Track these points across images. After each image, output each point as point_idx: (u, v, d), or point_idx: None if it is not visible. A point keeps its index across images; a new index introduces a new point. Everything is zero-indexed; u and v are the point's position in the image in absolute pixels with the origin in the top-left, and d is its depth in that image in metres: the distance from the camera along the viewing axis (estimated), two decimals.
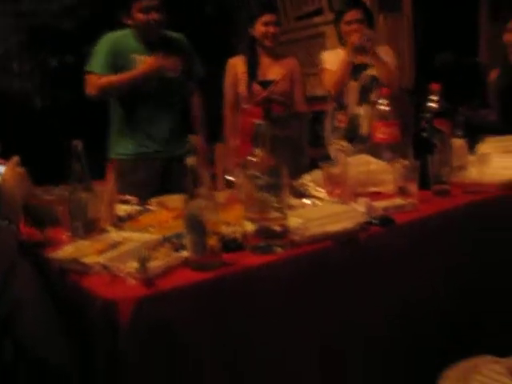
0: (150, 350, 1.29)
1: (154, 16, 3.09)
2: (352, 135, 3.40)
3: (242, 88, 3.52)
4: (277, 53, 3.62)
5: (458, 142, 2.44)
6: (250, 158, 1.53)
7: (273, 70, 3.54)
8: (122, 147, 3.23)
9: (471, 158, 2.38)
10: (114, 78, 3.12)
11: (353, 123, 3.46)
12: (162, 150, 3.22)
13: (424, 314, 1.83)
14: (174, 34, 3.33)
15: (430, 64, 6.72)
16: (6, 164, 1.71)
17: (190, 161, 1.41)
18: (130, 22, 3.16)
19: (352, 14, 3.48)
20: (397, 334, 1.77)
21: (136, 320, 1.26)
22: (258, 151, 1.52)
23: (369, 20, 3.54)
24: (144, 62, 3.12)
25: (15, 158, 1.71)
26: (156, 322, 1.29)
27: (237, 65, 3.57)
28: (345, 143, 3.27)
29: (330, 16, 5.49)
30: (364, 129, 3.42)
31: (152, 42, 3.19)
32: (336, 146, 3.33)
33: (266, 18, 3.45)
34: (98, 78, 3.13)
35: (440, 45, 6.74)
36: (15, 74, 6.34)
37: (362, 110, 3.44)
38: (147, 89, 3.15)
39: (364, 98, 3.45)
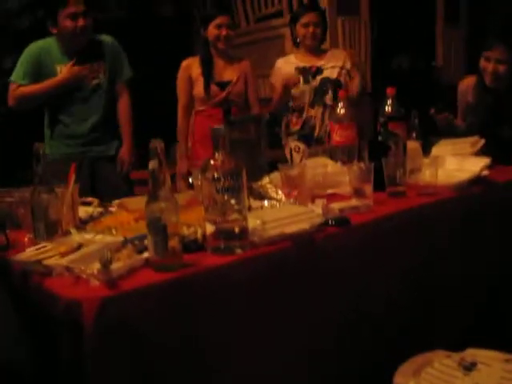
0: (114, 349, 1.32)
1: (81, 22, 3.10)
2: (307, 137, 3.50)
3: (199, 89, 3.54)
4: (230, 55, 3.65)
5: (413, 145, 2.51)
6: (209, 160, 1.56)
7: (227, 72, 3.58)
8: (50, 149, 3.25)
9: (426, 160, 2.44)
10: (29, 89, 3.18)
11: (307, 125, 3.56)
12: (86, 150, 3.27)
13: (379, 314, 1.88)
14: (101, 37, 3.34)
15: (387, 67, 6.84)
16: None
17: (152, 164, 1.44)
18: (55, 30, 3.17)
19: (309, 17, 3.57)
20: (353, 333, 1.82)
21: (100, 320, 1.28)
22: (217, 155, 1.55)
23: (324, 23, 3.64)
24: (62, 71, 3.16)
25: None
26: (119, 322, 1.31)
27: (191, 66, 3.58)
28: (301, 145, 3.36)
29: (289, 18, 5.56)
30: (318, 131, 3.52)
31: (76, 50, 3.20)
32: (291, 146, 3.44)
33: (220, 20, 3.47)
34: (17, 88, 3.19)
35: (397, 48, 6.87)
36: None
37: (314, 112, 3.54)
38: (67, 96, 3.21)
39: (317, 100, 3.55)
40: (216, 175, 1.53)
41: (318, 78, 3.55)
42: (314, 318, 1.69)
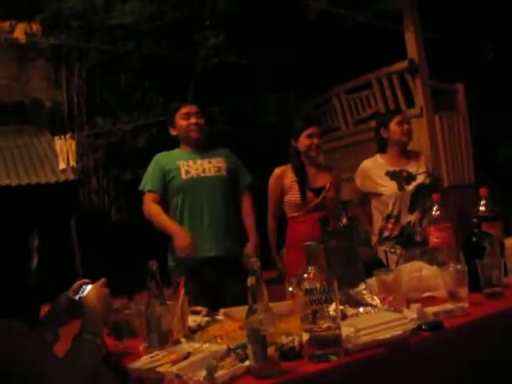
0: None
1: (193, 120, 3.51)
2: (406, 243, 3.51)
3: (294, 196, 3.66)
4: (319, 162, 3.87)
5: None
6: (303, 273, 1.70)
7: (319, 178, 3.73)
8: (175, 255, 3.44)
9: None
10: (154, 217, 3.45)
11: (406, 232, 3.59)
12: (214, 256, 3.44)
13: None
14: (220, 148, 3.70)
15: (492, 158, 6.80)
16: (92, 284, 1.93)
17: (250, 280, 1.60)
18: (175, 131, 3.58)
19: (402, 116, 3.79)
20: None
21: None
22: (310, 268, 1.69)
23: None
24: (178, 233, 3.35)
25: (103, 280, 1.94)
26: None
27: (284, 174, 3.73)
28: (398, 248, 3.38)
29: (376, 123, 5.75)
30: (419, 236, 3.52)
31: (196, 151, 3.56)
32: (387, 249, 3.45)
33: (311, 130, 3.65)
34: (150, 198, 3.48)
35: (500, 138, 6.84)
36: (93, 189, 6.89)
37: (413, 218, 3.58)
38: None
39: (416, 206, 3.61)
40: (309, 287, 1.66)
41: (413, 183, 3.64)
42: None
